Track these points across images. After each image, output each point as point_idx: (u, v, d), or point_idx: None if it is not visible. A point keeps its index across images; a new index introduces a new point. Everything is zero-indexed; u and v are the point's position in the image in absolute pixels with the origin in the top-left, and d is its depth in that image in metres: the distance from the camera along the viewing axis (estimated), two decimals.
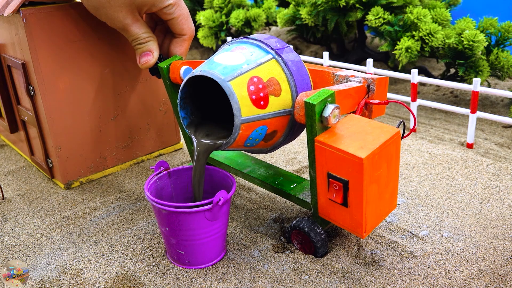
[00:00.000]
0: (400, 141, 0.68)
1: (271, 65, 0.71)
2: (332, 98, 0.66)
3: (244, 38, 0.76)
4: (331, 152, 0.65)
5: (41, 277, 0.75)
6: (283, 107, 0.71)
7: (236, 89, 0.67)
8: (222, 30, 1.79)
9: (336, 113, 0.66)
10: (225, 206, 0.72)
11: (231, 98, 0.66)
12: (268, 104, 0.69)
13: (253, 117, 0.68)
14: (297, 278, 0.72)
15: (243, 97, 0.67)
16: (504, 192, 0.92)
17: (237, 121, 0.67)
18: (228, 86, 0.67)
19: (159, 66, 0.87)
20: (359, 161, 0.63)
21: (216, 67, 0.69)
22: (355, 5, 1.40)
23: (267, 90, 0.69)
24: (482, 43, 1.23)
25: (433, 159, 1.06)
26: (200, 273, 0.74)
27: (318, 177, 0.70)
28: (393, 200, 0.73)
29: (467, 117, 1.31)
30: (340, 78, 0.76)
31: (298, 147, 1.14)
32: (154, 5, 0.84)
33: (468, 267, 0.73)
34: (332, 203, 0.70)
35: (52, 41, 0.90)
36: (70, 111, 0.96)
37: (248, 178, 0.87)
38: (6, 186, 1.03)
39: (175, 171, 0.80)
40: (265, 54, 0.72)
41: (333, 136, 0.67)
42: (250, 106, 0.68)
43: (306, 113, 0.66)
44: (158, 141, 1.12)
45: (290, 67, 0.71)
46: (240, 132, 0.68)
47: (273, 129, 0.72)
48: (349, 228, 0.70)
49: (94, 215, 0.91)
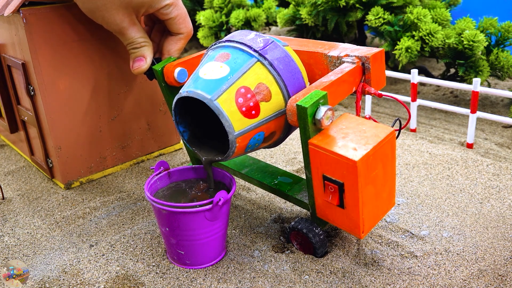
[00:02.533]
0: (395, 140, 0.68)
1: (256, 70, 0.69)
2: (324, 100, 0.65)
3: (226, 41, 0.74)
4: (325, 154, 0.65)
5: (41, 277, 0.75)
6: (276, 109, 0.70)
7: (224, 106, 0.66)
8: (222, 30, 1.79)
9: (329, 115, 0.65)
10: (225, 206, 0.72)
11: (221, 117, 0.66)
12: (260, 111, 0.68)
13: (247, 128, 0.68)
14: (297, 278, 0.72)
15: (232, 112, 0.66)
16: (504, 192, 0.92)
17: (232, 137, 0.67)
18: (215, 105, 0.66)
19: (153, 69, 0.86)
20: (352, 163, 0.62)
21: (201, 84, 0.68)
22: (355, 5, 1.40)
23: (256, 98, 0.68)
24: (482, 43, 1.23)
25: (433, 159, 1.06)
26: (200, 273, 0.74)
27: (314, 179, 0.69)
28: (391, 198, 0.72)
29: (467, 117, 1.31)
30: (333, 59, 0.74)
31: (298, 147, 1.14)
32: (151, 6, 0.84)
33: (468, 267, 0.73)
34: (328, 204, 0.69)
35: (52, 41, 0.90)
36: (70, 111, 0.96)
37: (246, 179, 0.87)
38: (6, 186, 1.03)
39: (175, 171, 0.80)
40: (249, 58, 0.70)
41: (327, 138, 0.66)
42: (241, 119, 0.67)
43: (299, 116, 0.65)
44: (158, 141, 1.12)
45: (276, 67, 0.70)
46: (237, 145, 0.68)
47: (270, 132, 0.72)
48: (347, 229, 0.69)
49: (94, 215, 0.91)
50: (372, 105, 1.44)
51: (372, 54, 0.72)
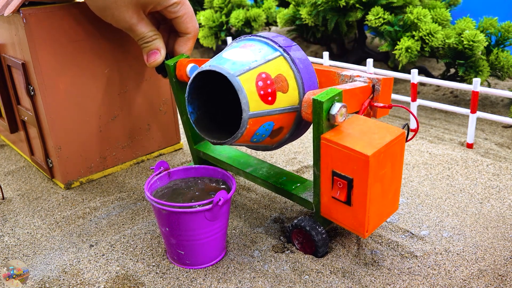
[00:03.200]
0: (404, 142, 0.69)
1: (279, 62, 0.71)
2: (339, 97, 0.67)
3: (252, 35, 0.76)
4: (337, 149, 0.66)
5: (41, 277, 0.75)
6: (290, 103, 0.71)
7: (245, 84, 0.67)
8: (222, 30, 1.79)
9: (343, 112, 0.67)
10: (225, 206, 0.72)
11: (240, 92, 0.67)
12: (275, 100, 0.70)
13: (260, 112, 0.69)
14: (297, 278, 0.72)
15: (251, 92, 0.68)
16: (504, 192, 0.92)
17: (245, 115, 0.67)
18: (237, 81, 0.67)
19: (166, 64, 0.88)
20: (365, 158, 0.63)
21: (225, 63, 0.69)
22: (355, 5, 1.40)
23: (275, 86, 0.70)
24: (482, 43, 1.23)
25: (433, 159, 1.06)
26: (200, 273, 0.74)
27: (323, 175, 0.70)
28: (395, 202, 0.73)
29: (467, 117, 1.31)
30: (345, 78, 0.76)
31: (298, 147, 1.14)
32: (159, 3, 0.84)
33: (468, 267, 0.73)
34: (335, 202, 0.70)
35: (52, 41, 0.90)
36: (70, 111, 0.96)
37: (250, 178, 0.87)
38: (6, 186, 1.03)
39: (175, 171, 0.80)
40: (273, 51, 0.72)
41: (339, 134, 0.67)
42: (258, 101, 0.68)
43: (314, 110, 0.67)
44: (158, 141, 1.12)
45: (297, 65, 0.72)
46: (248, 126, 0.69)
47: (279, 126, 0.72)
48: (351, 228, 0.70)
49: (94, 215, 0.91)
50: None
51: (384, 77, 0.75)
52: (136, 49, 1.02)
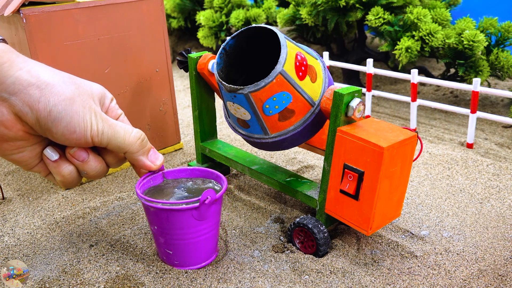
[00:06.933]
0: (415, 144, 0.71)
1: (314, 60, 0.75)
2: (359, 94, 0.70)
3: None
4: (352, 141, 0.68)
5: (41, 277, 0.75)
6: (311, 95, 0.73)
7: (288, 47, 0.70)
8: (222, 30, 1.79)
9: (361, 108, 0.69)
10: (213, 206, 0.71)
11: (283, 47, 0.69)
12: (303, 80, 0.72)
13: (289, 76, 0.70)
14: (297, 278, 0.72)
15: (290, 56, 0.70)
16: (504, 192, 0.92)
17: (279, 67, 0.69)
18: (283, 39, 0.70)
19: (188, 57, 0.91)
20: (380, 150, 0.65)
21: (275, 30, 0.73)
22: (355, 5, 1.40)
23: (307, 70, 0.72)
24: (482, 43, 1.23)
25: (433, 159, 1.06)
26: (200, 273, 0.74)
27: (333, 169, 0.72)
28: (398, 207, 0.74)
29: (467, 117, 1.31)
30: None
31: (298, 147, 1.14)
32: None
33: (468, 267, 0.73)
34: (341, 197, 0.71)
35: (52, 41, 0.90)
36: None
37: (255, 175, 0.88)
38: (6, 186, 1.03)
39: (169, 171, 0.78)
40: (311, 52, 0.77)
41: (356, 128, 0.70)
42: (292, 67, 0.70)
43: (334, 102, 0.69)
44: (158, 141, 1.12)
45: (325, 67, 0.77)
46: (274, 81, 0.69)
47: (294, 107, 0.72)
48: (355, 224, 0.71)
49: (94, 215, 0.91)
50: (372, 105, 1.45)
51: None
52: (136, 49, 1.02)
